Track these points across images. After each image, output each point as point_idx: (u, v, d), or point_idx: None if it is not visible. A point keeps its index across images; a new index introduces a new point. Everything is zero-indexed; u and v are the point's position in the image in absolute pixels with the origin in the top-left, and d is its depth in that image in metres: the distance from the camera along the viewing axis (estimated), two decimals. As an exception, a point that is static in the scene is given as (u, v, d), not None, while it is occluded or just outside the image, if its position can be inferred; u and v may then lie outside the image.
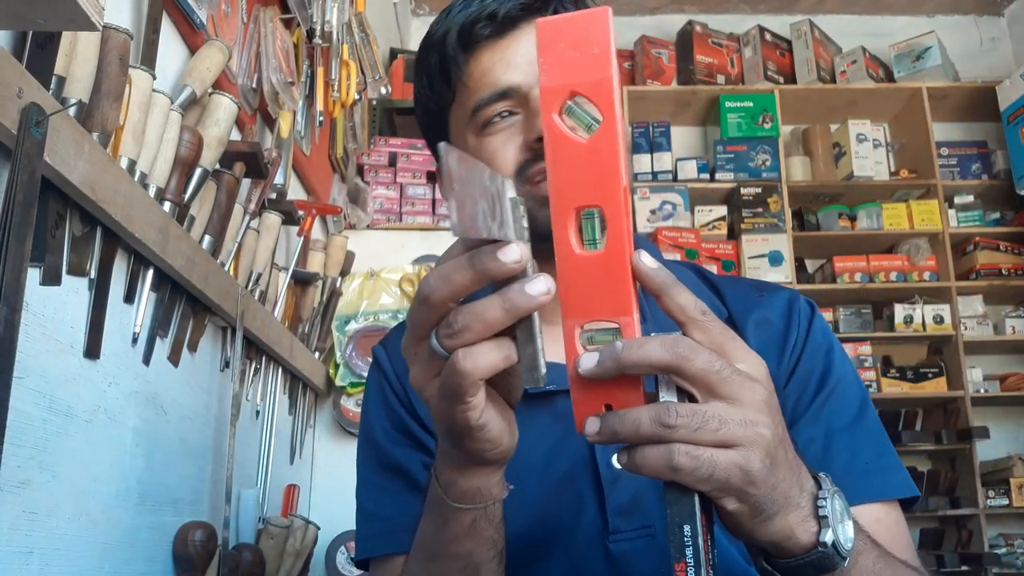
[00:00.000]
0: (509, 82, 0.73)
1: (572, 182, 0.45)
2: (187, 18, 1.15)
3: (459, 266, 0.44)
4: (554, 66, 0.45)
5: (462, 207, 0.36)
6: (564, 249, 0.45)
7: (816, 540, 0.49)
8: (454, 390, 0.46)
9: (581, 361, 0.46)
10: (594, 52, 0.44)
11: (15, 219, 0.68)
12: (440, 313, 0.46)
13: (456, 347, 0.45)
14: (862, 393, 0.75)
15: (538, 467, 0.72)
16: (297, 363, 1.64)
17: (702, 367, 0.44)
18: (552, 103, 0.45)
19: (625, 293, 0.45)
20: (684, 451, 0.44)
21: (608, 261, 0.45)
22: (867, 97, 3.47)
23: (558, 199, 0.45)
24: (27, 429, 0.76)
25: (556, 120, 0.45)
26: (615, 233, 0.45)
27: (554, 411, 0.74)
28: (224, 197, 1.17)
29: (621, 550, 0.70)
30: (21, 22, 0.59)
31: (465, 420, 0.48)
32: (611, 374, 0.45)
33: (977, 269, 3.22)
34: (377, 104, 2.64)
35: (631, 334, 0.45)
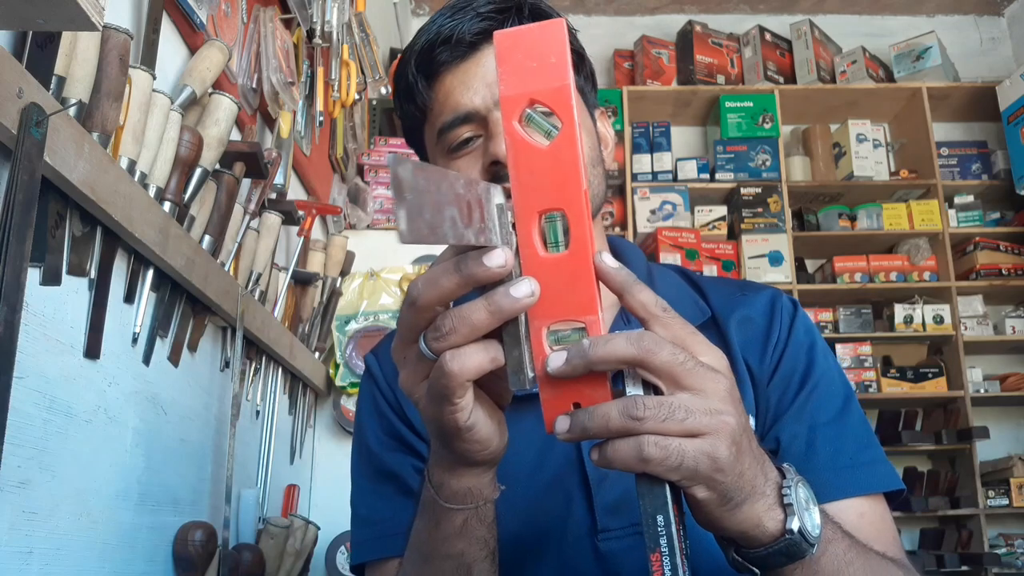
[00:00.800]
0: (468, 106, 0.74)
1: (534, 187, 0.46)
2: (187, 18, 1.15)
3: (446, 271, 0.46)
4: (512, 75, 0.46)
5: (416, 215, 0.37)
6: (528, 252, 0.47)
7: (783, 528, 0.50)
8: (442, 391, 0.47)
9: (549, 360, 0.47)
10: (551, 61, 0.46)
11: (15, 219, 0.68)
12: (428, 317, 0.47)
13: (443, 349, 0.46)
14: (846, 389, 0.76)
15: (527, 469, 0.73)
16: (297, 363, 1.64)
17: (666, 359, 0.46)
18: (511, 111, 0.46)
19: (589, 292, 0.47)
20: (653, 442, 0.45)
21: (572, 262, 0.46)
22: (867, 97, 3.47)
23: (521, 204, 0.46)
24: (27, 429, 0.76)
25: (516, 127, 0.46)
26: (578, 235, 0.46)
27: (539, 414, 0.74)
28: (224, 197, 1.17)
29: (610, 548, 0.71)
30: (21, 22, 0.59)
31: (454, 421, 0.49)
32: (580, 371, 0.46)
33: (977, 269, 3.22)
34: (377, 104, 2.64)
35: (597, 332, 0.47)
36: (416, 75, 0.77)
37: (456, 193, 0.42)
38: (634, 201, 3.26)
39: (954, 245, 3.25)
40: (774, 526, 0.50)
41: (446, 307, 0.47)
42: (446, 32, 0.75)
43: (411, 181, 0.37)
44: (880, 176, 3.40)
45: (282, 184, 1.53)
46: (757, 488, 0.49)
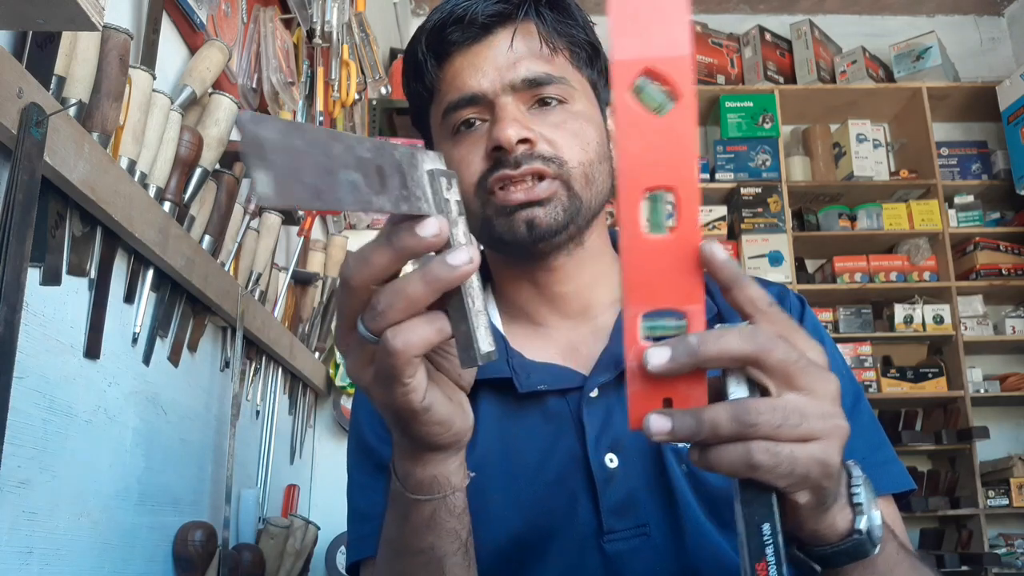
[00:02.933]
0: (476, 88, 0.73)
1: (644, 161, 0.42)
2: (187, 18, 1.15)
3: (377, 246, 0.44)
4: (628, 38, 0.42)
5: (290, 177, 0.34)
6: (631, 231, 0.43)
7: (851, 527, 0.48)
8: (389, 372, 0.45)
9: (649, 356, 0.43)
10: (673, 27, 0.42)
11: (15, 219, 0.68)
12: (363, 298, 0.45)
13: (383, 328, 0.44)
14: (855, 388, 0.75)
15: (530, 468, 0.72)
16: (297, 363, 1.64)
17: (782, 358, 0.43)
18: (624, 77, 0.42)
19: (694, 280, 0.43)
20: (764, 448, 0.42)
21: (678, 246, 0.43)
22: (867, 97, 3.47)
23: (628, 178, 0.43)
24: (27, 429, 0.76)
25: (628, 96, 0.42)
26: (687, 217, 0.42)
27: (545, 411, 0.74)
28: (224, 197, 1.17)
29: (616, 550, 0.69)
30: (21, 22, 0.59)
31: (407, 403, 0.47)
32: (685, 370, 0.43)
33: (977, 269, 3.22)
34: (377, 104, 2.64)
35: (699, 324, 0.43)
36: (426, 53, 0.76)
37: (359, 157, 0.38)
38: (634, 201, 3.26)
39: (954, 245, 3.25)
40: (844, 525, 0.48)
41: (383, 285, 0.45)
42: (459, 12, 0.74)
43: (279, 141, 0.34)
44: (880, 176, 3.40)
45: (282, 184, 1.52)
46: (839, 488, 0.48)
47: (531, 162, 0.71)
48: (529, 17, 0.75)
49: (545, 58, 0.75)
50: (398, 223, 0.44)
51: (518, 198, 0.71)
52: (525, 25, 0.75)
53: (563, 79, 0.75)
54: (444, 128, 0.77)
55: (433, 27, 0.76)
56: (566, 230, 0.73)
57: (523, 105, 0.73)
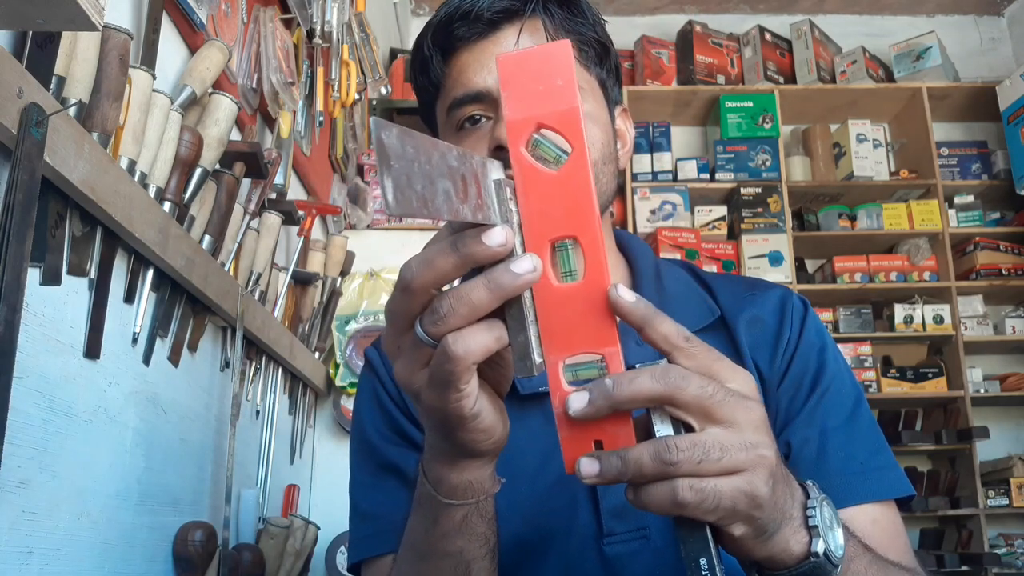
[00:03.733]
0: (480, 85, 0.73)
1: (545, 214, 0.44)
2: (187, 18, 1.15)
3: (441, 251, 0.43)
4: (518, 100, 0.44)
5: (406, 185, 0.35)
6: (541, 282, 0.44)
7: (808, 550, 0.48)
8: (447, 377, 0.44)
9: (570, 401, 0.44)
10: (558, 84, 0.44)
11: (15, 219, 0.68)
12: (423, 300, 0.44)
13: (443, 333, 0.43)
14: (856, 391, 0.75)
15: (531, 469, 0.72)
16: (297, 363, 1.63)
17: (695, 394, 0.43)
18: (519, 137, 0.44)
19: (607, 323, 0.44)
20: (688, 485, 0.43)
21: (588, 292, 0.44)
22: (867, 97, 3.47)
23: (531, 232, 0.44)
24: (27, 429, 0.76)
25: (524, 153, 0.44)
26: (593, 263, 0.44)
27: (546, 413, 0.73)
28: (224, 197, 1.17)
29: (615, 552, 0.69)
30: (21, 22, 0.59)
31: (459, 409, 0.46)
32: (603, 413, 0.44)
33: (977, 269, 3.22)
34: (377, 104, 2.64)
35: (617, 365, 0.44)
36: (432, 49, 0.76)
37: (449, 165, 0.39)
38: (634, 201, 3.26)
39: (954, 245, 3.25)
40: (799, 549, 0.48)
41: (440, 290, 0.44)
42: (466, 7, 0.73)
43: (398, 148, 0.35)
44: (880, 176, 3.40)
45: (282, 184, 1.53)
46: (787, 512, 0.48)
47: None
48: (536, 13, 0.74)
49: None
50: (461, 230, 0.43)
51: None
52: (532, 21, 0.74)
53: None
54: (449, 124, 0.76)
55: (440, 22, 0.75)
56: None
57: None
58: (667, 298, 0.78)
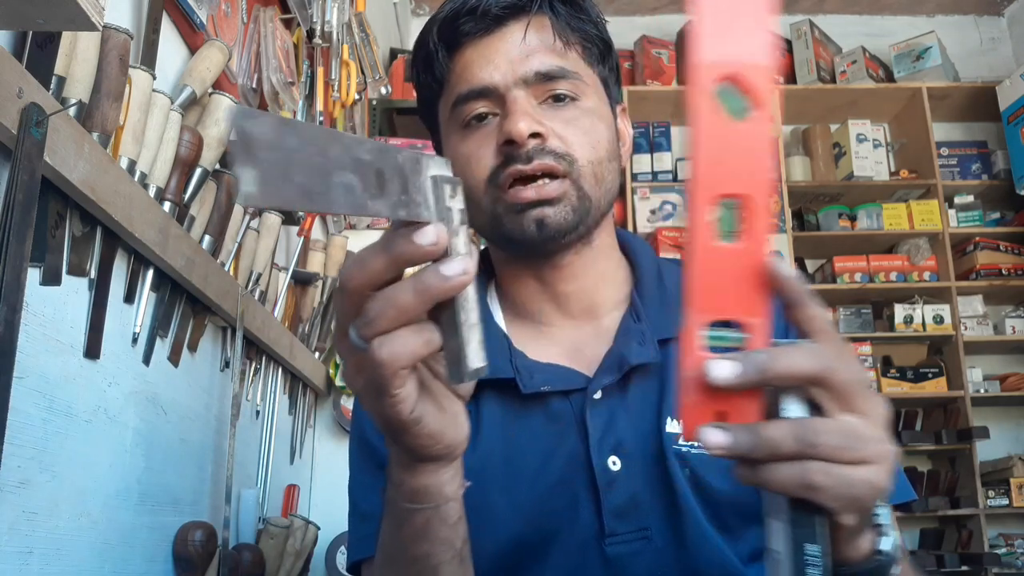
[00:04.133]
0: (487, 81, 0.72)
1: (719, 167, 0.41)
2: (187, 18, 1.15)
3: (373, 251, 0.42)
4: (715, 40, 0.41)
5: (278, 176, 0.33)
6: (701, 237, 0.42)
7: (873, 548, 0.48)
8: (377, 382, 0.43)
9: (713, 368, 0.42)
10: (759, 34, 0.41)
11: (15, 219, 0.68)
12: (357, 303, 0.43)
13: (372, 336, 0.42)
14: None
15: (532, 469, 0.72)
16: (297, 363, 1.63)
17: (846, 378, 0.42)
18: (705, 79, 0.41)
19: (759, 292, 0.42)
20: (822, 470, 0.41)
21: (747, 256, 0.42)
22: (867, 97, 3.47)
23: (701, 184, 0.41)
24: (27, 429, 0.76)
25: (708, 99, 0.41)
26: (759, 228, 0.42)
27: (547, 412, 0.73)
28: (224, 197, 1.17)
29: (617, 552, 0.69)
30: (21, 22, 0.59)
31: (396, 414, 0.45)
32: (750, 385, 0.42)
33: (977, 269, 3.22)
34: (377, 104, 2.64)
35: (762, 338, 0.42)
36: (437, 44, 0.75)
37: (356, 158, 0.37)
38: (634, 201, 3.26)
39: (954, 245, 3.25)
40: (867, 546, 0.48)
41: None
42: (472, 2, 0.72)
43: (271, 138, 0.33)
44: (880, 176, 3.39)
45: (282, 184, 1.53)
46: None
47: (543, 157, 0.70)
48: (543, 10, 0.74)
49: (558, 52, 0.73)
50: (398, 229, 0.42)
51: (529, 196, 0.70)
52: (539, 18, 0.74)
53: (576, 74, 0.73)
54: (453, 121, 0.75)
55: (445, 17, 0.74)
56: (575, 230, 0.72)
57: (535, 99, 0.72)
58: (669, 296, 0.78)
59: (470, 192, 0.73)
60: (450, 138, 0.76)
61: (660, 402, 0.72)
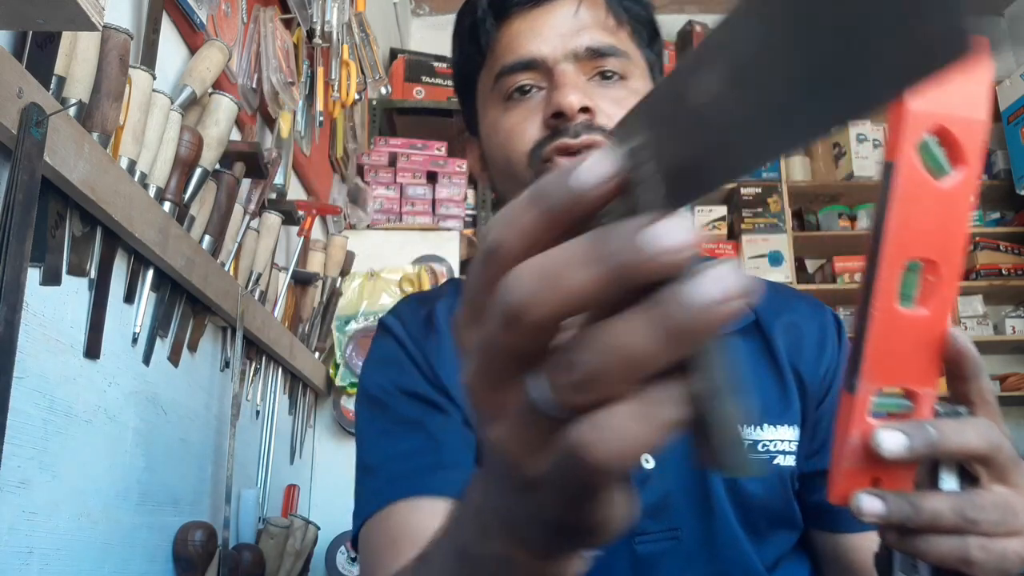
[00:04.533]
0: (535, 52, 0.70)
1: (916, 229, 0.38)
2: (187, 18, 1.15)
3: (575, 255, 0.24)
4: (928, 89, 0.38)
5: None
6: (883, 301, 0.39)
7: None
8: (582, 486, 0.27)
9: (882, 440, 0.40)
10: (974, 86, 0.38)
11: (15, 219, 0.68)
12: (542, 339, 0.25)
13: (584, 406, 0.24)
14: None
15: None
16: (297, 363, 1.63)
17: (1009, 456, 0.42)
18: (915, 132, 0.38)
19: (934, 362, 0.41)
20: (980, 545, 0.41)
21: (929, 324, 0.40)
22: (867, 97, 3.47)
23: (894, 244, 0.38)
24: (27, 429, 0.76)
25: (914, 154, 0.38)
26: (945, 296, 0.40)
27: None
28: (224, 197, 1.17)
29: (647, 551, 0.67)
30: (21, 22, 0.59)
31: (591, 520, 0.30)
32: (918, 459, 0.41)
33: (977, 269, 3.22)
34: (377, 104, 2.64)
35: (928, 409, 0.41)
36: (486, 11, 0.73)
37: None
38: (634, 201, 3.26)
39: (954, 245, 3.25)
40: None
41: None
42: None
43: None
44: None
45: (282, 184, 1.53)
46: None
47: (591, 133, 0.67)
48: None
49: (610, 29, 0.72)
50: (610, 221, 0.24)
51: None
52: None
53: (625, 54, 0.72)
54: (495, 93, 0.73)
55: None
56: None
57: (583, 75, 0.70)
58: None
59: (510, 166, 0.71)
60: (489, 111, 0.74)
61: None
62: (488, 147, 0.76)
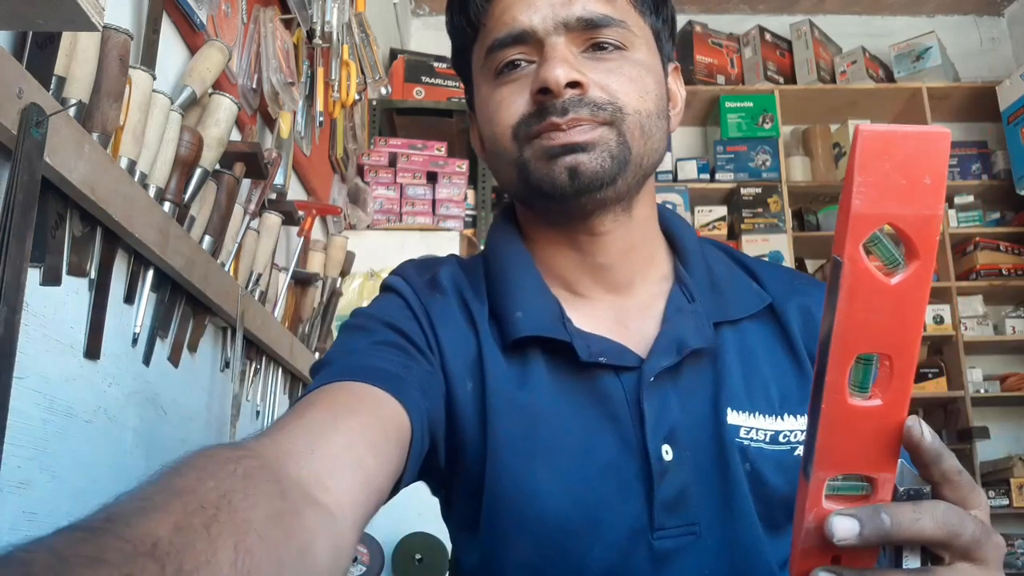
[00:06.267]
0: (526, 24, 0.67)
1: (866, 325, 0.39)
2: (187, 18, 1.15)
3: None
4: (873, 189, 0.37)
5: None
6: (837, 397, 0.40)
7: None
8: None
9: (835, 527, 0.41)
10: (925, 182, 0.37)
11: (15, 219, 0.68)
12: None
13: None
14: None
15: (579, 447, 0.66)
16: (297, 363, 1.63)
17: (969, 539, 0.42)
18: (862, 232, 0.37)
19: (891, 449, 0.41)
20: None
21: (884, 416, 0.40)
22: (867, 97, 3.47)
23: (844, 340, 0.39)
24: (27, 429, 0.76)
25: (861, 251, 0.38)
26: (901, 388, 0.40)
27: (596, 388, 0.67)
28: (224, 197, 1.17)
29: (665, 547, 0.64)
30: (21, 22, 0.59)
31: None
32: (871, 545, 0.42)
33: (977, 269, 3.22)
34: (377, 104, 2.64)
35: (886, 492, 0.42)
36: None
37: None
38: (634, 201, 3.26)
39: (954, 245, 3.25)
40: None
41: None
42: None
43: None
44: (880, 176, 3.39)
45: (282, 184, 1.53)
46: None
47: (580, 110, 0.65)
48: None
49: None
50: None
51: (561, 140, 0.65)
52: None
53: (623, 23, 0.68)
54: (486, 69, 0.71)
55: None
56: (612, 185, 0.66)
57: (576, 48, 0.67)
58: (719, 284, 0.74)
59: (495, 142, 0.70)
60: (481, 88, 0.72)
61: (717, 390, 0.68)
62: (481, 124, 0.73)
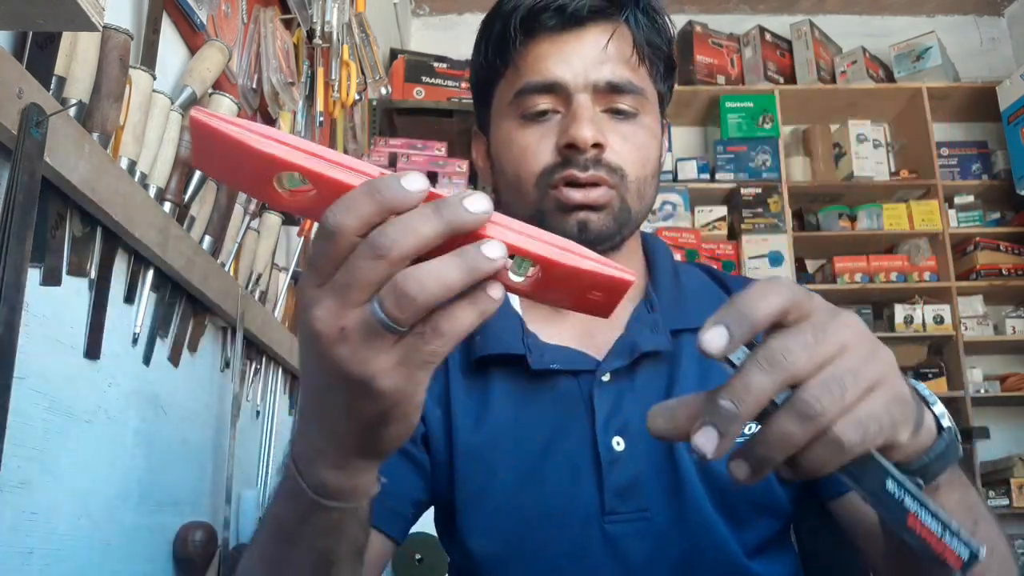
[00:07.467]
0: (558, 77, 0.73)
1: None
2: (187, 18, 1.15)
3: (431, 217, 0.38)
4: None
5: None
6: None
7: (937, 425, 0.46)
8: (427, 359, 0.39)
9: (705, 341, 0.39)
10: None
11: (15, 219, 0.68)
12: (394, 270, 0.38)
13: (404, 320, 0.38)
14: None
15: (539, 446, 0.73)
16: (297, 363, 1.63)
17: (819, 302, 0.41)
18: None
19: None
20: (845, 428, 0.38)
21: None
22: (867, 97, 3.47)
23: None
24: (27, 429, 0.76)
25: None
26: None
27: (556, 391, 0.75)
28: (224, 198, 1.17)
29: (617, 531, 0.70)
30: (21, 22, 0.59)
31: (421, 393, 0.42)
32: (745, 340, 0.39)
33: (977, 269, 3.22)
34: (377, 105, 2.64)
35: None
36: (517, 30, 0.75)
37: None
38: (634, 201, 3.26)
39: (954, 245, 3.25)
40: (932, 423, 0.46)
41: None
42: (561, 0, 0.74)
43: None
44: (880, 176, 3.40)
45: (282, 184, 1.53)
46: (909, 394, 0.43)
47: (598, 169, 0.72)
48: (628, 21, 0.75)
49: (632, 66, 0.75)
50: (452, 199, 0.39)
51: (577, 198, 0.73)
52: (621, 28, 0.75)
53: (641, 90, 0.75)
54: (513, 108, 0.76)
55: (531, 7, 0.75)
56: (612, 239, 0.75)
57: (597, 107, 0.74)
58: (684, 292, 0.80)
59: (518, 183, 0.76)
60: (503, 122, 0.78)
61: (669, 389, 0.73)
62: (498, 156, 0.79)
